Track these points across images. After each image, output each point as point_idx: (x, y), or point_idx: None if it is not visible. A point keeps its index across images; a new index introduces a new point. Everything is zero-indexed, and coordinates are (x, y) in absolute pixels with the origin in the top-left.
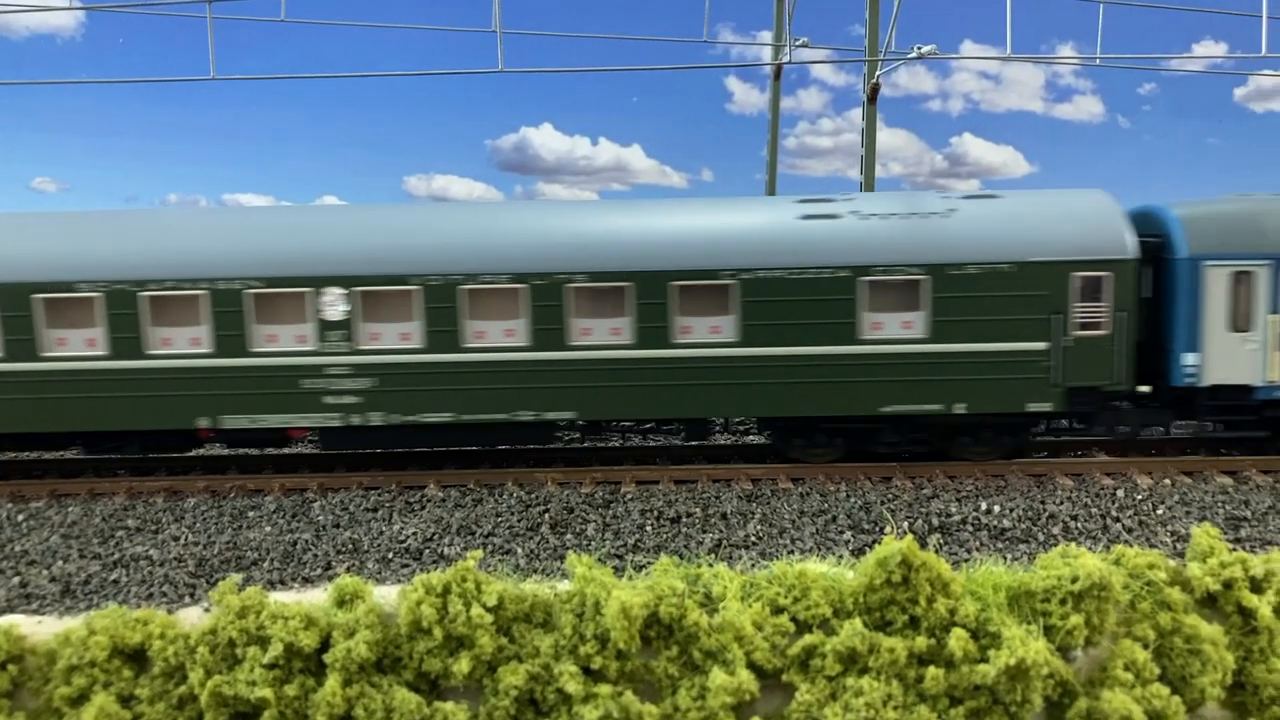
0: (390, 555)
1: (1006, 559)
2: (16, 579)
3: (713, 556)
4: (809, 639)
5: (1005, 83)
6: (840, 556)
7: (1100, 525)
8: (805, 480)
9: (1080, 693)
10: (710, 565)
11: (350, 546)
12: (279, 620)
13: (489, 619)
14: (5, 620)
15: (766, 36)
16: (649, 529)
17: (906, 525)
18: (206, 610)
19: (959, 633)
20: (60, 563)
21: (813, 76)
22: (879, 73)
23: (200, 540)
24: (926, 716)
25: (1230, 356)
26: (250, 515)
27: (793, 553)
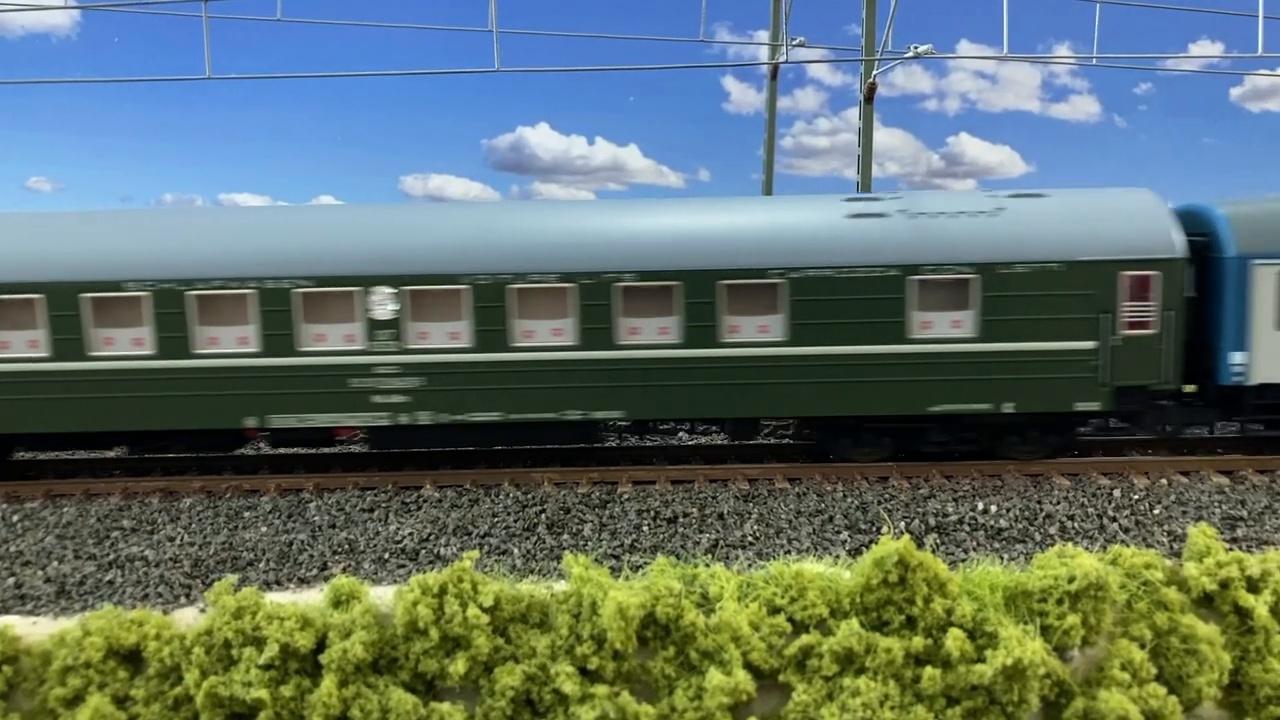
0: (386, 556)
1: (1003, 559)
2: (11, 580)
3: (709, 556)
4: (806, 639)
5: (1002, 82)
6: (837, 556)
7: (1097, 525)
8: (802, 480)
9: (1077, 693)
10: (707, 565)
11: (346, 547)
12: (275, 621)
13: (485, 619)
14: (0, 621)
15: (763, 36)
16: (646, 529)
17: (903, 525)
18: (202, 611)
19: (956, 633)
20: (55, 563)
21: (809, 76)
22: (876, 72)
23: (196, 541)
24: (923, 717)
25: (1278, 355)
26: (246, 516)
27: (789, 553)
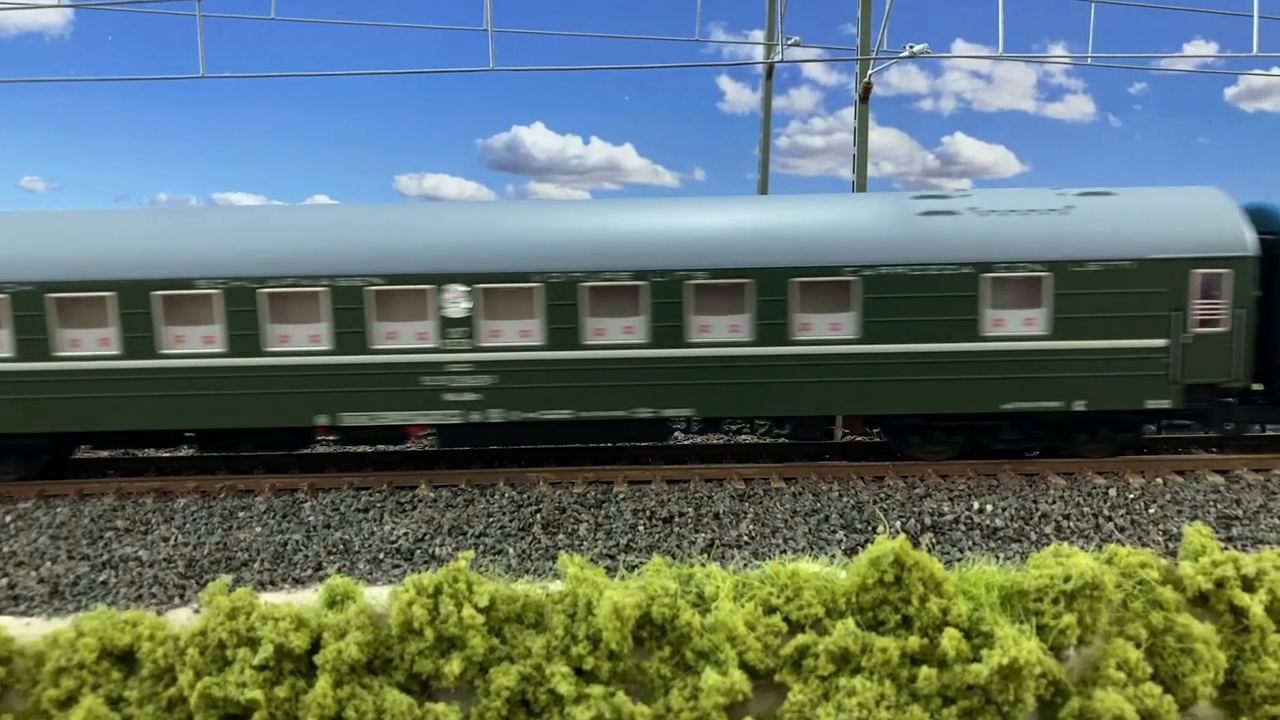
0: (381, 556)
1: (999, 558)
2: (4, 580)
3: (705, 556)
4: (801, 639)
5: (997, 82)
6: (833, 556)
7: (1092, 524)
8: (798, 480)
9: (1073, 692)
10: (703, 565)
11: (341, 547)
12: (269, 621)
13: (480, 620)
14: None
15: (758, 35)
16: (641, 529)
17: (899, 525)
18: (196, 611)
19: (951, 632)
20: (48, 564)
21: (804, 76)
22: (871, 72)
23: (190, 541)
24: (919, 716)
25: None
26: (240, 516)
27: (785, 552)
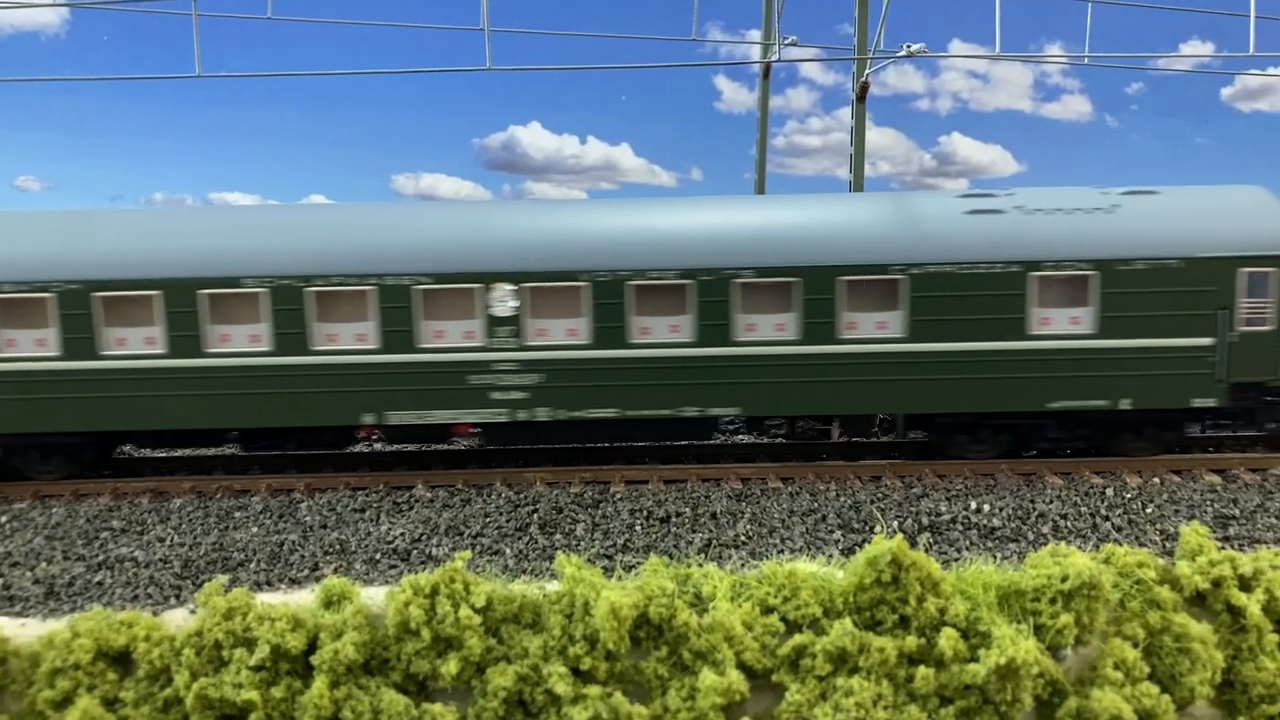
0: (378, 556)
1: (996, 558)
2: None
3: (702, 556)
4: (799, 639)
5: (993, 82)
6: (830, 556)
7: (1090, 524)
8: (795, 479)
9: (1070, 692)
10: (700, 565)
11: (338, 547)
12: (266, 622)
13: (477, 620)
14: None
15: (755, 35)
16: (638, 529)
17: (896, 524)
18: (192, 612)
19: (949, 632)
20: (44, 564)
21: (801, 75)
22: (868, 71)
23: (186, 541)
24: (917, 716)
25: None
26: (237, 516)
27: (782, 552)
